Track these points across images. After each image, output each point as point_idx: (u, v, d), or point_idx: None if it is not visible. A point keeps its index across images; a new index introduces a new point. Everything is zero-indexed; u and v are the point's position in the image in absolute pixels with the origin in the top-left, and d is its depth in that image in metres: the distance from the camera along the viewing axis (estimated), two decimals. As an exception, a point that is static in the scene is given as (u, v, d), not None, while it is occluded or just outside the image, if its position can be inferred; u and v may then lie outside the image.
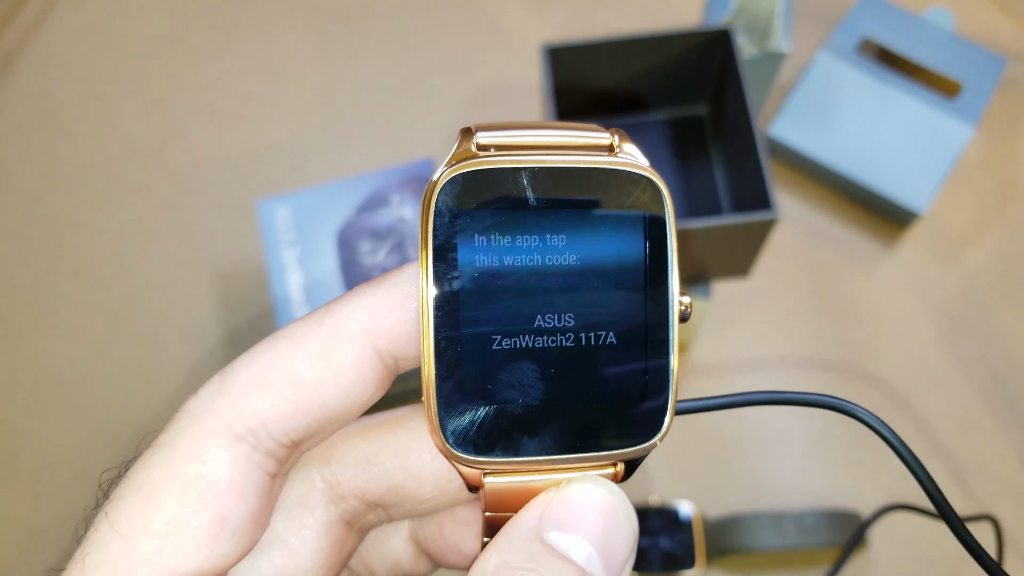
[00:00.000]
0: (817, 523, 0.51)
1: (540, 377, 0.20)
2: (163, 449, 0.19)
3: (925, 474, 0.22)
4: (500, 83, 0.67)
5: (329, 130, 0.66)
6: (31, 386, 0.59)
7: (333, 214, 0.50)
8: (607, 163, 0.20)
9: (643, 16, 0.70)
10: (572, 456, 0.20)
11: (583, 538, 0.20)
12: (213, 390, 0.20)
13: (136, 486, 0.19)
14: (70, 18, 0.71)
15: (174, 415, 0.20)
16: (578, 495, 0.20)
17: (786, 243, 0.61)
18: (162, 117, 0.67)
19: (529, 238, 0.20)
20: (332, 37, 0.70)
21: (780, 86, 0.65)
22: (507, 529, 0.20)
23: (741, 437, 0.56)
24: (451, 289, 0.19)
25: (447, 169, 0.20)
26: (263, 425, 0.20)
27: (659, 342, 0.20)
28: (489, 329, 0.20)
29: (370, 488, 0.23)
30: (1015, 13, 0.69)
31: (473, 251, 0.20)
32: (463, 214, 0.20)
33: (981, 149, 0.64)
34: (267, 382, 0.20)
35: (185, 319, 0.60)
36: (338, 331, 0.20)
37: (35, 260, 0.62)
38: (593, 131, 0.21)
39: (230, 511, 0.19)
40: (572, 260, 0.20)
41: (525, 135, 0.20)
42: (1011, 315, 0.59)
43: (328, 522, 0.23)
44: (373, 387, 0.20)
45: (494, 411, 0.20)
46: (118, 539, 0.19)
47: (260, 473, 0.20)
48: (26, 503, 0.55)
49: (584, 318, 0.20)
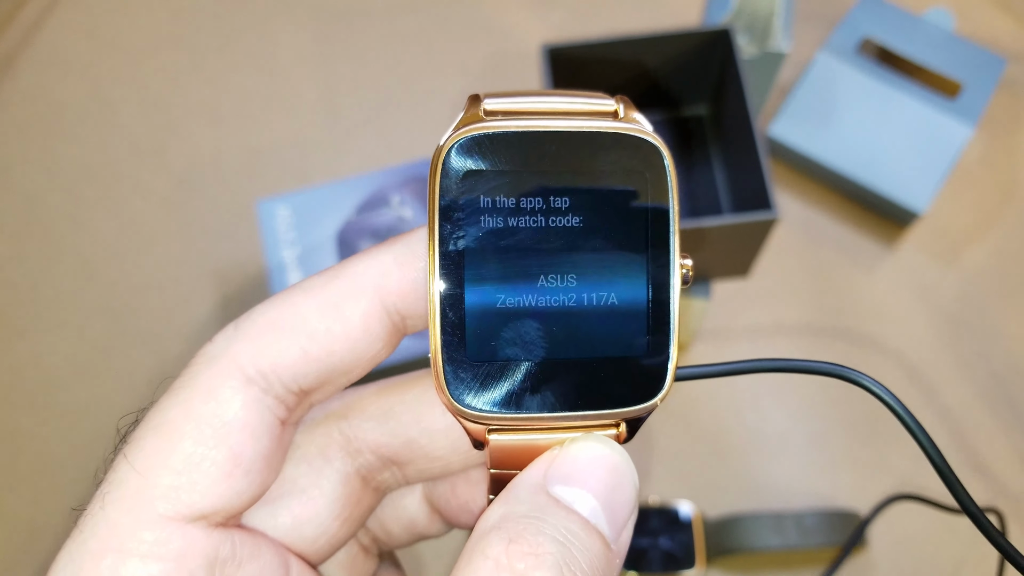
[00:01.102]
0: (817, 523, 0.51)
1: (543, 336, 0.20)
2: (179, 391, 0.20)
3: (932, 445, 0.22)
4: (500, 83, 0.67)
5: (329, 130, 0.66)
6: (31, 386, 0.59)
7: (333, 214, 0.50)
8: (611, 127, 0.20)
9: (643, 16, 0.70)
10: (574, 414, 0.21)
11: (588, 492, 0.20)
12: (228, 335, 0.21)
13: (153, 426, 0.20)
14: (70, 18, 0.71)
15: (189, 360, 0.21)
16: (582, 451, 0.20)
17: (786, 243, 0.61)
18: (162, 117, 0.67)
19: (533, 200, 0.20)
20: (332, 37, 0.70)
21: (780, 86, 0.65)
22: (512, 484, 0.21)
23: (741, 437, 0.56)
24: (456, 248, 0.20)
25: (454, 133, 0.20)
26: (273, 370, 0.20)
27: (660, 303, 0.21)
28: (493, 288, 0.20)
29: (385, 443, 0.23)
30: (1015, 13, 0.69)
31: (478, 212, 0.20)
32: (469, 176, 0.20)
33: (981, 149, 0.64)
34: (279, 329, 0.20)
35: (185, 319, 0.60)
36: (349, 284, 0.21)
37: (35, 260, 0.62)
38: (598, 97, 0.21)
39: (243, 449, 0.20)
40: (575, 222, 0.20)
41: (531, 101, 0.21)
42: (1011, 315, 0.59)
43: (345, 474, 0.23)
44: (380, 342, 0.21)
45: (498, 368, 0.20)
46: (136, 476, 0.19)
47: (270, 416, 0.21)
48: (26, 503, 0.55)
49: (586, 278, 0.20)
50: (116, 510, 0.19)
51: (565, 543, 0.19)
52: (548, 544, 0.19)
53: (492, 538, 0.19)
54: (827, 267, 0.61)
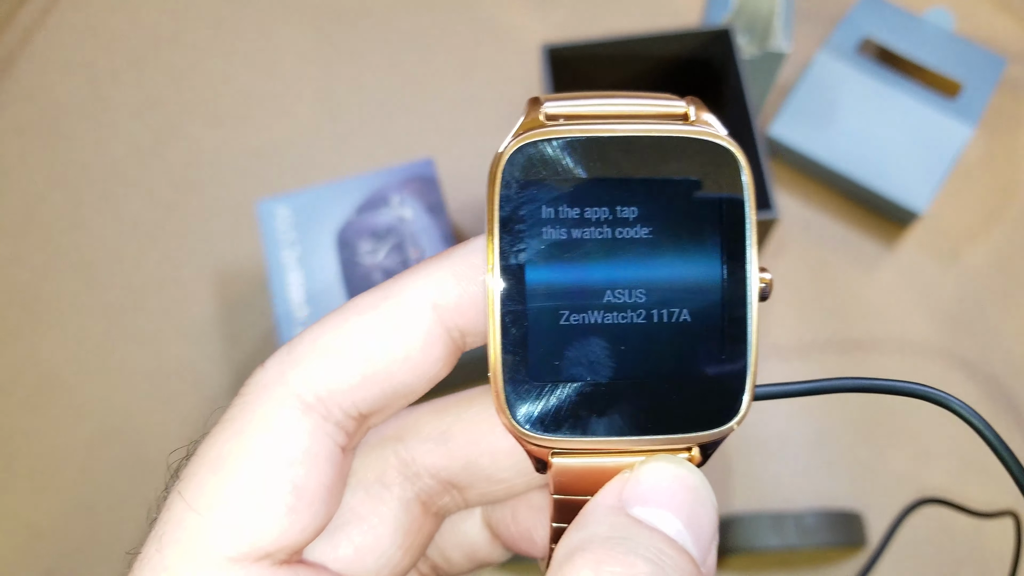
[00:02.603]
0: (817, 523, 0.51)
1: (610, 355, 0.19)
2: (233, 422, 0.19)
3: (1021, 470, 0.21)
4: (500, 83, 0.67)
5: (329, 130, 0.66)
6: (31, 386, 0.59)
7: (333, 214, 0.50)
8: (681, 132, 0.19)
9: (643, 16, 0.70)
10: (644, 438, 0.19)
11: (670, 512, 0.19)
12: (281, 360, 0.20)
13: (208, 461, 0.19)
14: (70, 18, 0.71)
15: (240, 388, 0.20)
16: (659, 472, 0.19)
17: (786, 243, 0.61)
18: (162, 117, 0.67)
19: (599, 210, 0.19)
20: (332, 37, 0.70)
21: (780, 86, 0.65)
22: (587, 508, 0.19)
23: (741, 437, 0.56)
24: (518, 262, 0.19)
25: (513, 139, 0.19)
26: (332, 395, 0.19)
27: (736, 320, 0.19)
28: (557, 304, 0.19)
29: (444, 465, 0.22)
30: (1015, 13, 0.69)
31: (540, 224, 0.19)
32: (530, 185, 0.19)
33: (981, 149, 0.64)
34: (336, 353, 0.19)
35: (185, 319, 0.60)
36: (406, 303, 0.20)
37: (35, 260, 0.62)
38: (667, 99, 0.20)
39: (306, 481, 0.19)
40: (644, 233, 0.19)
41: (595, 104, 0.20)
42: (1011, 315, 0.59)
43: (405, 500, 0.22)
44: (440, 362, 0.20)
45: (562, 389, 0.19)
46: (194, 516, 0.18)
47: (331, 444, 0.20)
48: (26, 503, 0.55)
49: (656, 294, 0.19)
50: (174, 553, 0.18)
51: (658, 563, 0.18)
52: (641, 564, 0.17)
53: (578, 562, 0.17)
54: (827, 267, 0.61)
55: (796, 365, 0.58)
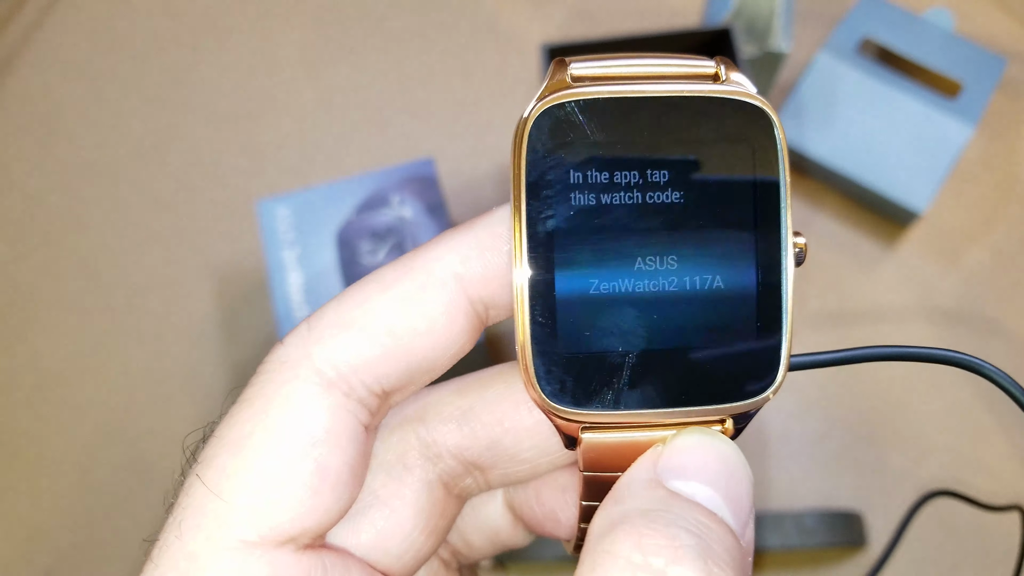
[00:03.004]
0: (817, 523, 0.51)
1: (642, 324, 0.18)
2: (253, 401, 0.18)
3: None
4: (500, 83, 0.67)
5: (329, 130, 0.66)
6: (31, 386, 0.59)
7: (333, 214, 0.50)
8: (712, 91, 0.19)
9: (643, 16, 0.70)
10: (677, 410, 0.19)
11: (707, 485, 0.18)
12: (302, 336, 0.19)
13: (228, 443, 0.18)
14: (70, 18, 0.71)
15: (259, 366, 0.19)
16: (694, 444, 0.19)
17: (786, 243, 0.61)
18: (162, 117, 0.67)
19: (629, 174, 0.18)
20: (332, 37, 0.70)
21: (780, 86, 0.65)
22: (621, 482, 0.19)
23: (741, 437, 0.56)
24: (545, 230, 0.18)
25: (539, 103, 0.18)
26: (355, 371, 0.19)
27: (771, 287, 0.19)
28: (586, 272, 0.18)
29: (467, 446, 0.22)
30: (1015, 13, 0.69)
31: (568, 189, 0.18)
32: (557, 149, 0.18)
33: (981, 149, 0.64)
34: (358, 327, 0.19)
35: (185, 319, 0.60)
36: (429, 275, 0.19)
37: (35, 260, 0.62)
38: (697, 60, 0.19)
39: (330, 461, 0.18)
40: (675, 197, 0.18)
41: (623, 65, 0.19)
42: (1011, 315, 0.59)
43: (427, 482, 0.21)
44: (464, 336, 0.20)
45: (593, 361, 0.18)
46: (214, 500, 0.18)
47: (354, 422, 0.19)
48: (26, 503, 0.55)
49: (689, 260, 0.18)
50: (194, 539, 0.17)
51: (701, 535, 0.17)
52: (685, 536, 0.17)
53: (619, 536, 0.17)
54: (827, 267, 0.61)
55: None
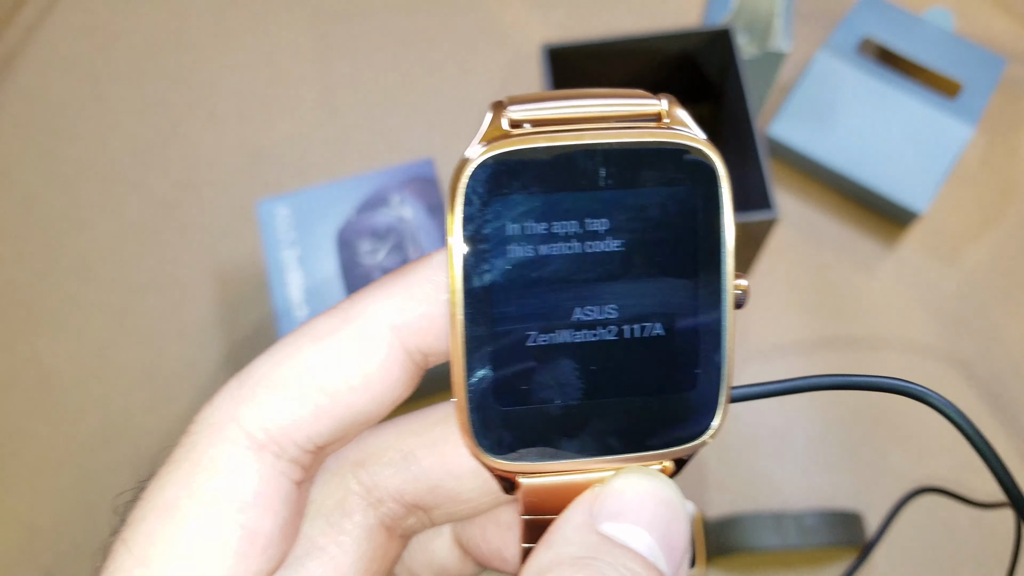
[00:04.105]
0: (817, 523, 0.51)
1: (580, 374, 0.18)
2: (180, 463, 0.18)
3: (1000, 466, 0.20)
4: (500, 83, 0.67)
5: (329, 130, 0.66)
6: (31, 386, 0.59)
7: (333, 214, 0.50)
8: (654, 137, 0.18)
9: (643, 16, 0.70)
10: (615, 458, 0.19)
11: (641, 528, 0.18)
12: (231, 394, 0.19)
13: (154, 507, 0.18)
14: (70, 18, 0.71)
15: (188, 426, 0.19)
16: (630, 486, 0.19)
17: (786, 243, 0.61)
18: (162, 117, 0.67)
19: (567, 224, 0.18)
20: (332, 37, 0.70)
21: (780, 86, 0.65)
22: (556, 526, 0.19)
23: (741, 437, 0.56)
24: (482, 282, 0.18)
25: (476, 151, 0.18)
26: (285, 432, 0.18)
27: (710, 332, 0.19)
28: (524, 324, 0.18)
29: (409, 489, 0.21)
30: (1015, 13, 0.69)
31: (505, 240, 0.18)
32: (494, 200, 0.18)
33: (981, 149, 0.64)
34: (289, 385, 0.18)
35: (185, 319, 0.60)
36: (364, 327, 0.19)
37: (35, 260, 0.62)
38: (639, 98, 0.19)
39: (259, 525, 0.18)
40: (615, 246, 0.18)
41: (563, 107, 0.19)
42: (1011, 315, 0.59)
43: (368, 527, 0.21)
44: (402, 386, 0.19)
45: (530, 412, 0.18)
46: (139, 568, 0.17)
47: (286, 482, 0.19)
48: (26, 503, 0.55)
49: (628, 309, 0.18)
50: None
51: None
52: None
53: None
54: (827, 267, 0.61)
55: (797, 364, 0.58)
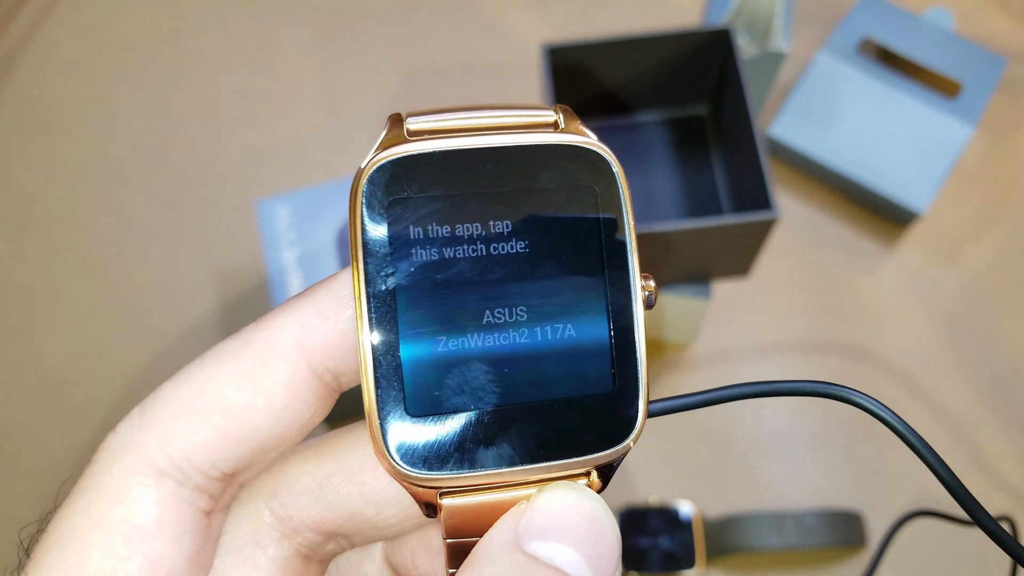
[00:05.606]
0: (817, 523, 0.51)
1: (493, 380, 0.18)
2: (83, 494, 0.18)
3: (936, 459, 0.20)
4: (500, 83, 0.67)
5: (329, 130, 0.66)
6: (31, 386, 0.59)
7: (333, 214, 0.50)
8: (549, 140, 0.18)
9: (643, 16, 0.70)
10: (537, 466, 0.18)
11: (568, 546, 0.18)
12: (133, 423, 0.18)
13: (56, 539, 0.17)
14: (70, 18, 0.71)
15: (93, 455, 0.18)
16: (556, 501, 0.18)
17: (786, 243, 0.61)
18: (162, 117, 0.67)
19: (470, 226, 0.18)
20: (332, 36, 0.70)
21: (780, 86, 0.65)
22: (480, 546, 0.18)
23: (741, 437, 0.56)
24: (386, 288, 0.18)
25: (373, 157, 0.18)
26: (188, 458, 0.18)
27: (624, 332, 0.18)
28: (432, 330, 0.18)
29: (326, 518, 0.20)
30: (1015, 13, 0.69)
31: (408, 244, 0.18)
32: (395, 204, 0.18)
33: (981, 149, 0.64)
34: (190, 409, 0.18)
35: (185, 319, 0.60)
36: (268, 348, 0.18)
37: (35, 260, 0.62)
38: (535, 110, 0.19)
39: (162, 555, 0.17)
40: (520, 247, 0.18)
41: (460, 118, 0.19)
42: (1011, 315, 0.59)
43: (283, 559, 0.20)
44: (311, 408, 0.19)
45: (445, 422, 0.18)
46: None
47: (191, 511, 0.18)
48: (26, 503, 0.55)
49: (538, 311, 0.18)
50: None
51: None
52: None
53: None
54: (827, 267, 0.61)
55: (797, 364, 0.58)
